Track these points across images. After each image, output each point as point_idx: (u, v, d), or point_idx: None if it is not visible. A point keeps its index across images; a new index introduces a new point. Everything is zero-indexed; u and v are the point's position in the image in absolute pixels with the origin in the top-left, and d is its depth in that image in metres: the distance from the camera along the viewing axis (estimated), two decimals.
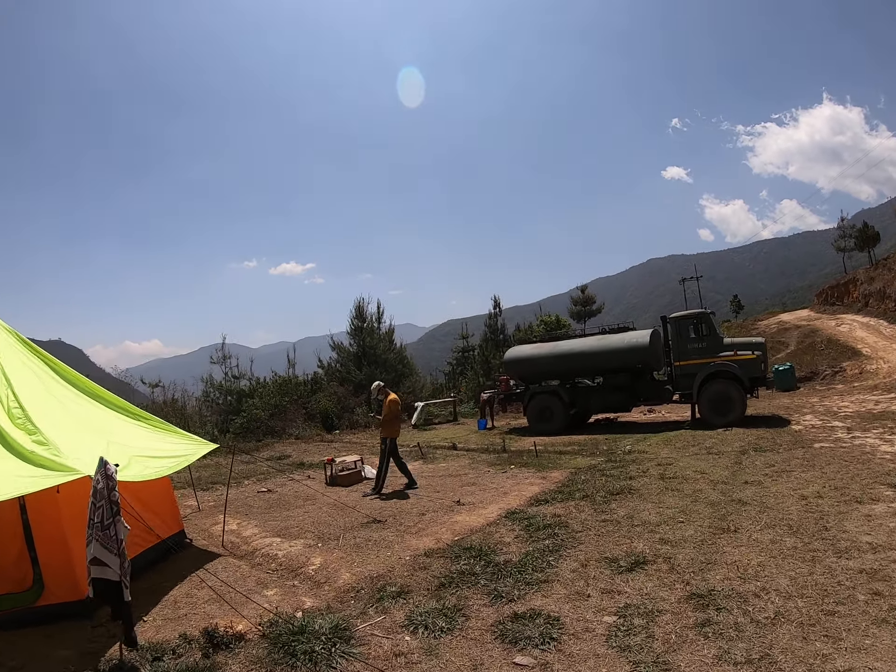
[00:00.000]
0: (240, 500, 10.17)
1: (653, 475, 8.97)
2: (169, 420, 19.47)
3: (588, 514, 7.06)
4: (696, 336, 14.73)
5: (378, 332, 28.69)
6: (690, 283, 62.13)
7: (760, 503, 6.97)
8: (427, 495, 9.01)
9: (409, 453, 13.60)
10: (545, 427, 15.79)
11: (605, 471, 9.59)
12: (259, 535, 7.70)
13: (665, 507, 7.09)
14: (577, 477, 9.26)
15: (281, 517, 8.61)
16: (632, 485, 8.36)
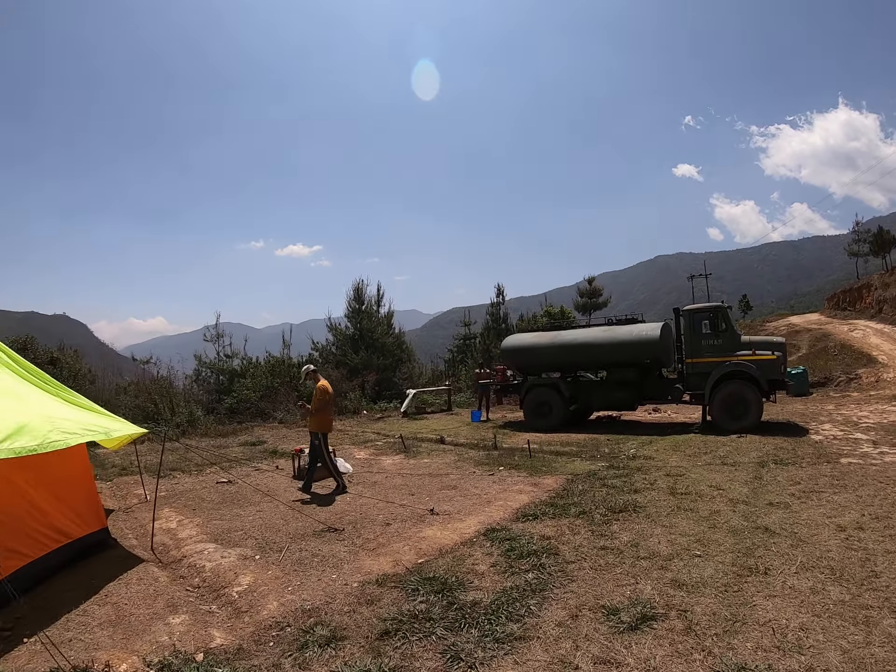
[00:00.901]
0: (194, 491, 9.11)
1: (661, 489, 7.77)
2: (150, 398, 18.55)
3: (584, 537, 5.85)
4: (711, 332, 13.48)
5: (377, 315, 27.74)
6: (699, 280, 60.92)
7: (791, 533, 5.78)
8: (399, 499, 7.83)
9: (391, 446, 12.46)
10: (542, 423, 14.60)
11: (606, 480, 8.39)
12: (195, 538, 6.58)
13: (677, 532, 5.89)
14: (574, 486, 8.05)
15: (229, 516, 7.49)
16: (637, 500, 7.15)
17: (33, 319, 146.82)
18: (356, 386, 22.87)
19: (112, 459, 12.10)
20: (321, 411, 8.61)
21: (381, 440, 13.66)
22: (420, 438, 13.60)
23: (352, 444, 13.13)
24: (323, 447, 8.59)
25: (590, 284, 46.80)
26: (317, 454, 8.60)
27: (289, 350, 25.92)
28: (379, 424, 17.29)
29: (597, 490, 7.75)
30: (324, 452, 8.58)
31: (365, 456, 11.51)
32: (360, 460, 11.03)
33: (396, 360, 26.73)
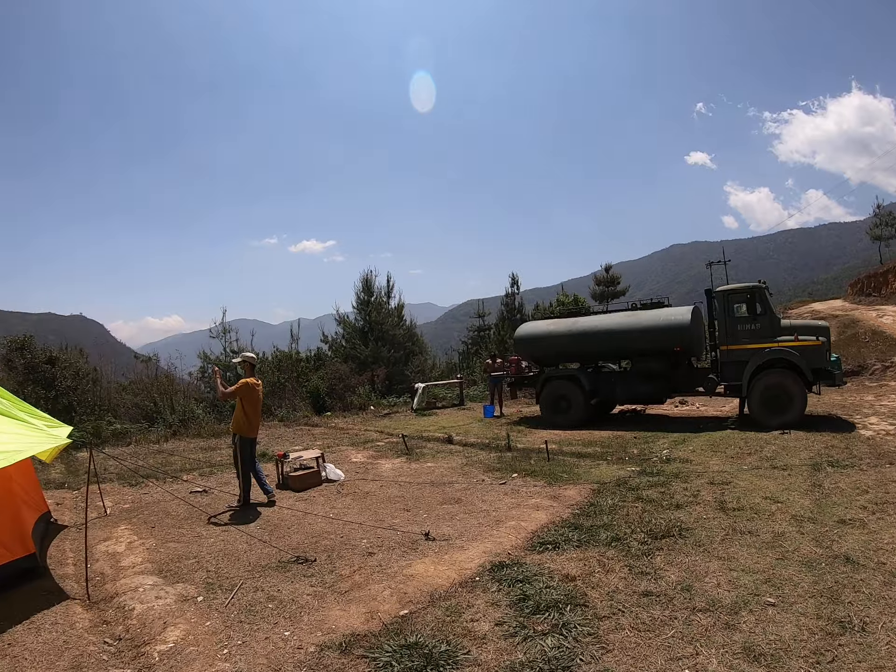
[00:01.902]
0: (162, 503, 7.93)
1: (707, 502, 6.42)
2: (150, 396, 17.55)
3: (620, 576, 4.52)
4: (748, 315, 12.03)
5: (387, 307, 26.61)
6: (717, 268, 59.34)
7: (878, 563, 4.50)
8: (391, 516, 6.55)
9: (393, 447, 11.19)
10: (561, 419, 13.25)
11: (640, 490, 7.06)
12: (138, 568, 5.40)
13: (739, 567, 4.56)
14: (602, 499, 6.70)
15: (189, 537, 6.30)
16: (681, 520, 5.81)
17: (50, 321, 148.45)
18: (365, 380, 21.76)
19: (86, 464, 10.97)
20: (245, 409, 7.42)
21: (383, 440, 12.41)
22: (426, 437, 12.34)
23: (350, 444, 11.89)
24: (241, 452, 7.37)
25: (607, 272, 45.33)
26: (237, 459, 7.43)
27: (297, 344, 25.07)
28: (384, 422, 16.05)
29: (630, 505, 6.42)
30: (239, 458, 7.37)
31: (362, 459, 10.25)
32: (356, 465, 9.77)
33: (407, 353, 25.66)
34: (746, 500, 6.43)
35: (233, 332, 24.30)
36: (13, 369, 16.92)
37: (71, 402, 16.74)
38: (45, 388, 16.40)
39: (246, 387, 7.45)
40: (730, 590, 4.20)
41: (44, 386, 16.44)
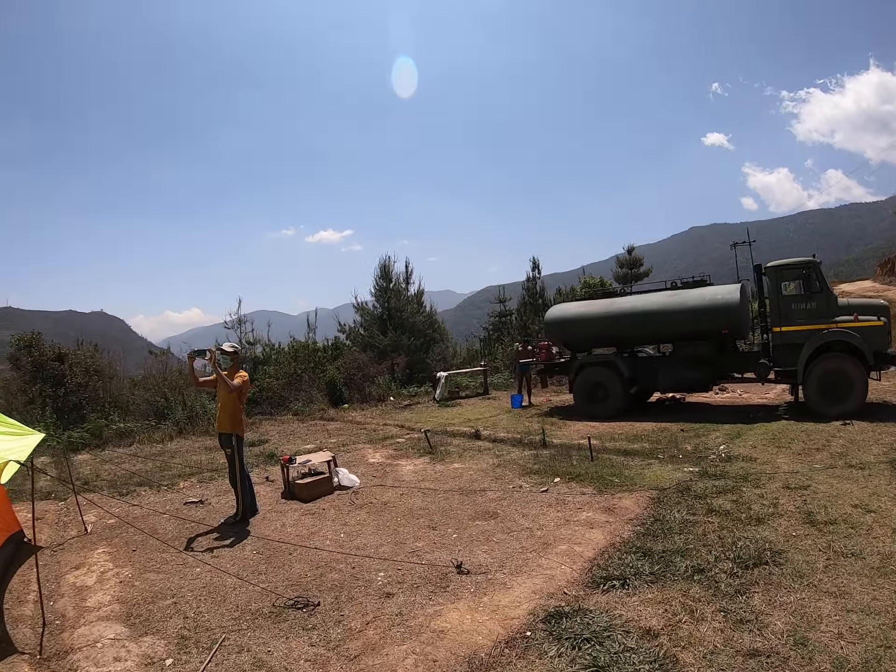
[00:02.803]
0: (151, 517, 6.97)
1: (791, 513, 5.31)
2: (161, 391, 16.73)
3: (714, 628, 3.39)
4: (804, 293, 10.75)
5: (406, 293, 25.60)
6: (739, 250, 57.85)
7: None
8: (413, 536, 5.46)
9: (415, 444, 10.11)
10: (597, 409, 12.06)
11: (707, 498, 5.92)
12: (103, 611, 4.42)
13: (856, 607, 3.53)
14: (667, 513, 5.54)
15: (171, 566, 5.29)
16: (768, 539, 4.70)
17: (71, 318, 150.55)
18: (384, 370, 20.75)
19: (78, 470, 10.09)
20: (241, 408, 6.53)
21: (403, 436, 11.33)
22: (450, 432, 11.24)
23: (368, 441, 10.83)
24: (239, 457, 6.41)
25: (629, 254, 43.95)
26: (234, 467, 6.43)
27: (314, 334, 24.29)
28: (405, 414, 14.96)
29: (702, 520, 5.28)
30: (238, 464, 6.39)
31: (380, 459, 9.17)
32: (374, 466, 8.71)
33: (428, 341, 24.63)
34: (835, 511, 5.32)
35: (248, 322, 23.58)
36: (20, 368, 16.29)
37: (80, 399, 16.08)
38: (53, 385, 15.75)
39: (248, 380, 6.50)
40: (854, 641, 3.16)
41: (52, 384, 15.78)
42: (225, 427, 6.36)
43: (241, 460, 6.39)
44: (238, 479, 6.35)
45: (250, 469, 9.19)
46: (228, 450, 6.35)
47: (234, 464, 6.34)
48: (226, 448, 6.40)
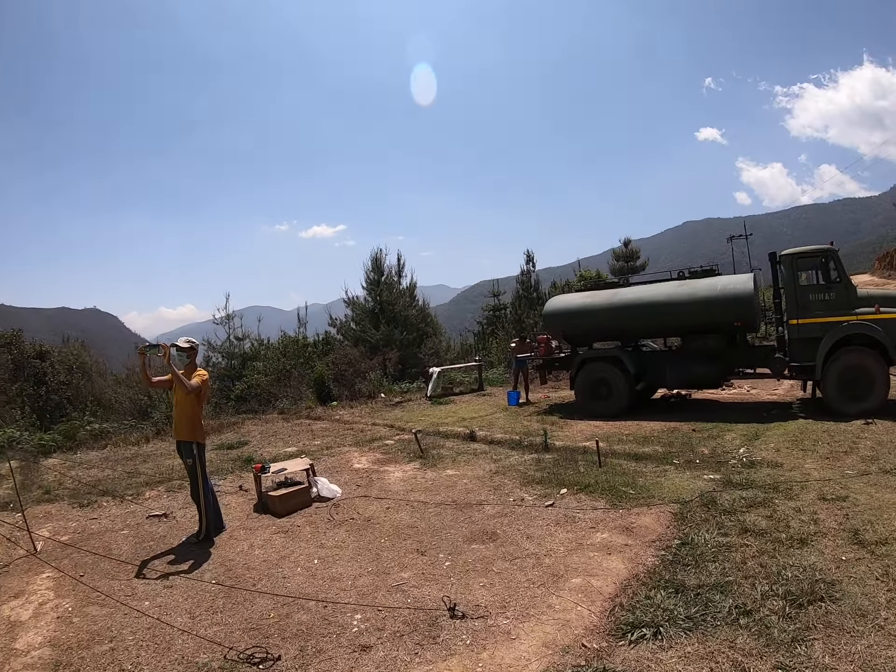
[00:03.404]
0: (109, 533, 6.19)
1: (835, 531, 4.59)
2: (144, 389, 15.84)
3: None
4: (823, 283, 10.00)
5: (398, 287, 24.87)
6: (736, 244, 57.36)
7: None
8: (398, 564, 4.64)
9: (405, 447, 9.30)
10: (601, 407, 11.28)
11: (737, 512, 5.16)
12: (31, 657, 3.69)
13: None
14: (696, 533, 4.75)
15: (118, 596, 4.49)
16: (816, 566, 3.97)
17: (64, 315, 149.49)
18: (376, 365, 19.98)
19: (42, 476, 9.25)
20: (200, 412, 5.69)
21: (393, 437, 10.51)
22: (443, 433, 10.43)
23: (354, 443, 10.01)
24: (201, 469, 5.61)
25: (626, 247, 43.25)
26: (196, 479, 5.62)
27: (305, 328, 23.58)
28: (395, 412, 14.14)
29: (738, 541, 4.50)
30: (200, 477, 5.58)
31: (366, 465, 8.34)
32: (359, 473, 7.89)
33: (421, 335, 23.93)
34: (883, 527, 4.60)
35: (237, 317, 22.80)
36: None
37: (62, 398, 15.28)
38: (34, 384, 14.94)
39: (208, 379, 5.66)
40: None
41: (33, 383, 14.97)
42: (183, 434, 5.53)
43: (204, 472, 5.58)
44: (200, 493, 5.54)
45: (224, 475, 8.42)
46: (189, 460, 5.53)
47: (196, 476, 5.53)
48: (185, 459, 5.58)
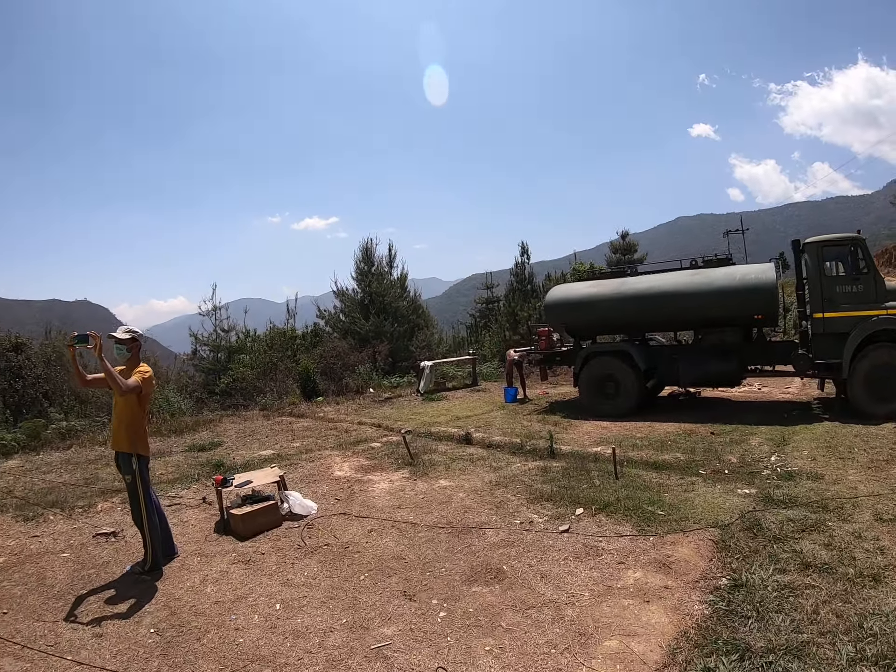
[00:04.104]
0: (50, 554, 5.30)
1: None
2: None
3: None
4: (851, 274, 9.16)
5: (389, 277, 23.98)
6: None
7: None
8: (379, 612, 3.70)
9: (392, 452, 8.35)
10: (607, 407, 10.36)
11: (788, 539, 4.31)
12: None
13: None
14: (747, 569, 3.86)
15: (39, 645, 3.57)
16: None
17: (55, 307, 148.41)
18: (366, 357, 19.08)
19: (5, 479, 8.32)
20: (144, 417, 4.71)
21: (380, 438, 9.56)
22: (436, 434, 9.49)
23: (337, 446, 9.03)
24: (143, 486, 4.61)
25: (623, 239, 42.46)
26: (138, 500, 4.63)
27: (294, 320, 22.63)
28: (384, 409, 13.18)
29: (800, 580, 3.64)
30: (142, 497, 4.59)
31: (348, 472, 7.37)
32: (339, 483, 6.92)
33: (412, 327, 23.03)
34: None
35: (223, 309, 21.84)
36: None
37: (38, 393, 14.26)
38: (10, 378, 13.92)
39: (152, 377, 4.65)
40: None
41: (9, 377, 13.95)
42: (121, 444, 4.55)
43: (147, 490, 4.59)
44: (143, 516, 4.56)
45: (188, 483, 7.45)
46: (128, 476, 4.55)
47: (137, 495, 4.55)
48: (125, 474, 4.60)
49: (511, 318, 23.39)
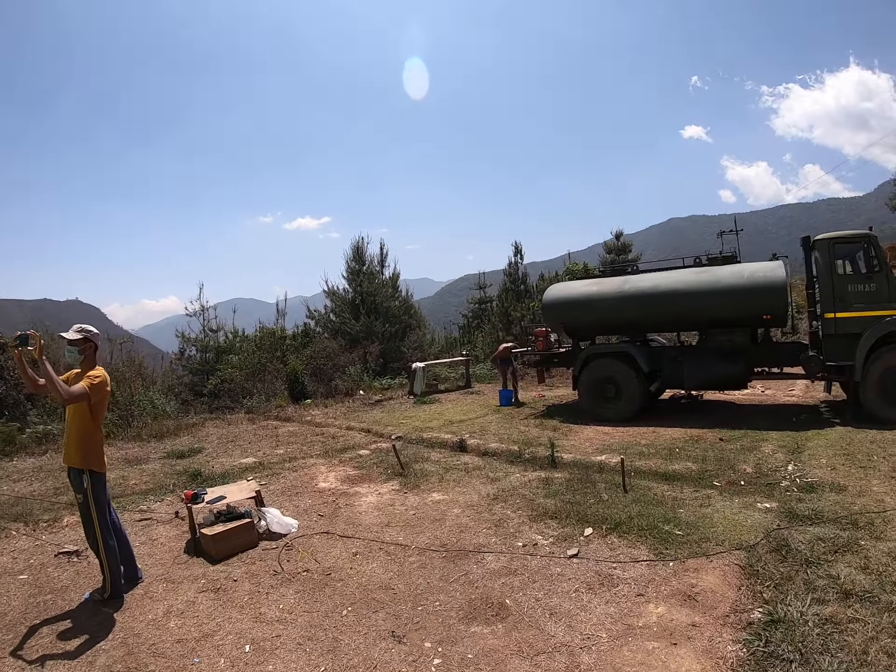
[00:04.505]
0: (7, 575, 4.88)
1: None
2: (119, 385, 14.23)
3: None
4: (865, 272, 8.75)
5: (380, 276, 23.55)
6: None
7: None
8: (363, 658, 3.20)
9: (381, 460, 7.83)
10: (608, 411, 9.88)
11: (823, 562, 3.86)
12: None
13: None
14: (782, 599, 3.40)
15: None
16: None
17: (46, 306, 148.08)
18: (356, 358, 18.57)
19: None
20: (99, 428, 4.14)
21: (369, 444, 9.05)
22: (428, 441, 8.99)
23: (322, 454, 8.51)
24: (97, 507, 4.06)
25: (618, 240, 42.11)
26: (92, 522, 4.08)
27: (283, 320, 22.12)
28: (374, 413, 12.67)
29: (842, 612, 3.19)
30: (95, 518, 4.05)
31: (334, 484, 6.84)
32: (323, 495, 6.39)
33: (404, 327, 22.58)
34: None
35: (211, 308, 21.28)
36: None
37: (20, 395, 13.69)
38: None
39: (104, 382, 4.07)
40: None
41: None
42: (72, 458, 4.01)
43: (101, 511, 4.05)
44: (98, 541, 4.04)
45: (162, 495, 6.91)
46: (80, 495, 4.02)
47: (91, 517, 4.02)
48: (76, 493, 4.07)
49: (504, 319, 23.07)
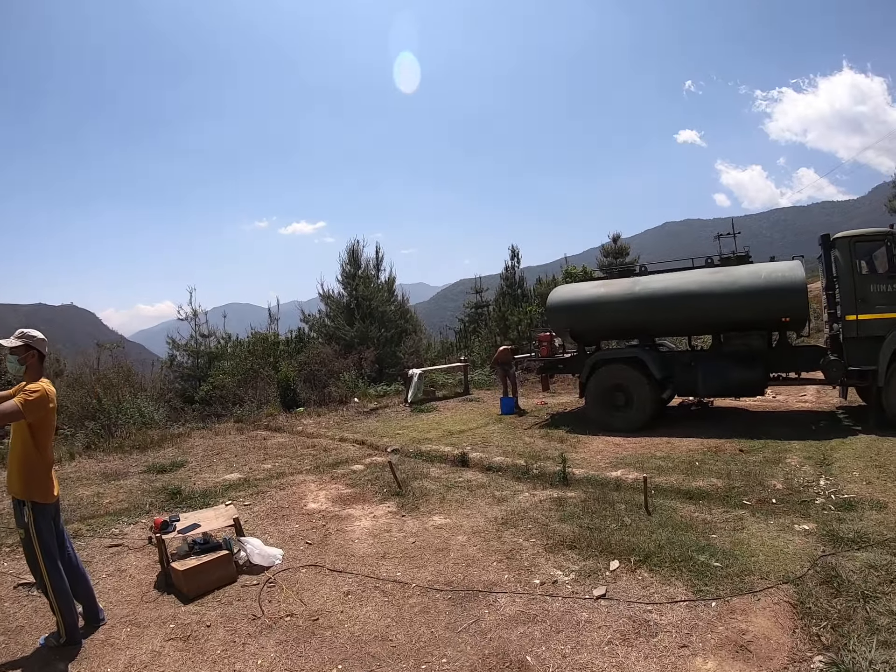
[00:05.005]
0: None
1: None
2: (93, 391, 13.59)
3: None
4: (888, 271, 8.24)
5: (376, 281, 23.07)
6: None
7: None
8: None
9: (377, 477, 7.23)
10: (618, 420, 9.29)
11: (880, 596, 3.35)
12: None
13: None
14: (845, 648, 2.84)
15: None
16: None
17: (41, 311, 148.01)
18: (351, 364, 18.00)
19: None
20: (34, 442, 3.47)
21: (364, 458, 8.46)
22: (427, 454, 8.40)
23: (313, 468, 7.91)
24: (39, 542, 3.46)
25: (615, 242, 41.73)
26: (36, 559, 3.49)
27: (276, 325, 21.72)
28: (369, 422, 12.07)
29: None
30: (39, 556, 3.46)
31: (324, 505, 6.23)
32: (311, 519, 5.78)
33: (400, 332, 22.12)
34: None
35: (202, 313, 20.76)
36: None
37: None
38: None
39: (45, 398, 3.42)
40: None
41: None
42: (13, 487, 3.44)
43: (46, 548, 3.47)
44: (45, 581, 3.46)
45: (137, 516, 6.30)
46: (21, 530, 3.45)
47: (34, 555, 3.44)
48: (18, 526, 3.50)
49: (501, 323, 22.69)
